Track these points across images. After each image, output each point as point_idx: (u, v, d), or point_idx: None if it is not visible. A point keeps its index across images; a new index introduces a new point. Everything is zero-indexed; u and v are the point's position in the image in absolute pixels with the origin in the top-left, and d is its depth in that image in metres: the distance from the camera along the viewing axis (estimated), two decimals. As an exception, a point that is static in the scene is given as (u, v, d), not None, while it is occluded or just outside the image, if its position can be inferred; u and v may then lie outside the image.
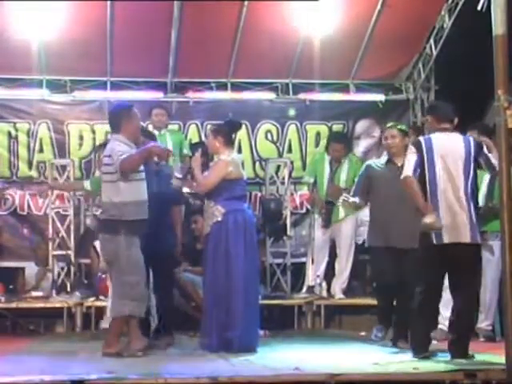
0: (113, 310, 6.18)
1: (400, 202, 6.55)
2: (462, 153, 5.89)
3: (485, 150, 6.06)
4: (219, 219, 6.48)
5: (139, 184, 6.19)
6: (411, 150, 5.99)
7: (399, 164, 6.77)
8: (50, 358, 5.88)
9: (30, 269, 9.27)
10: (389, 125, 7.35)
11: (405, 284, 6.71)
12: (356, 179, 7.36)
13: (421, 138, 6.09)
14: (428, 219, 5.74)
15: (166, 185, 7.02)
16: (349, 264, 8.84)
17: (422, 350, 5.86)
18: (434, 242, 5.82)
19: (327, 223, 8.93)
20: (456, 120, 6.05)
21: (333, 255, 8.95)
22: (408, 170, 5.94)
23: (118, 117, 6.30)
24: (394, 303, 6.98)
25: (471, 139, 6.07)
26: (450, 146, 5.92)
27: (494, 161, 5.91)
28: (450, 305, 6.12)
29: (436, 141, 5.94)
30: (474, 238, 5.84)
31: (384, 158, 7.11)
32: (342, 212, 8.74)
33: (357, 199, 7.00)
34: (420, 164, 5.90)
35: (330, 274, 9.00)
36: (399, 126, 7.10)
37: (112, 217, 6.06)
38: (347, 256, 8.83)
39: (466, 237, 5.81)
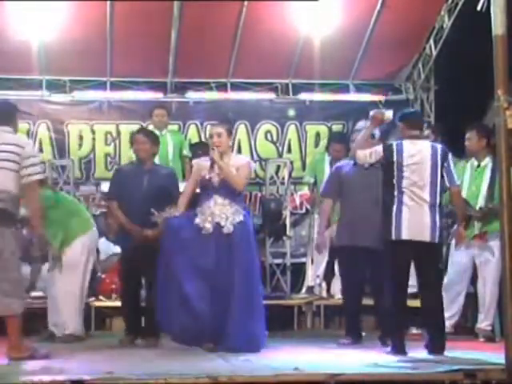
0: (5, 310, 5.76)
1: (368, 202, 6.64)
2: (429, 159, 6.12)
3: (450, 161, 6.28)
4: (242, 219, 6.45)
5: None
6: (379, 150, 6.22)
7: (366, 165, 6.90)
8: (49, 358, 5.87)
9: (26, 269, 9.24)
10: (359, 127, 7.47)
11: (381, 283, 6.78)
12: (324, 180, 7.47)
13: (393, 143, 6.26)
14: None
15: (160, 184, 6.96)
16: None
17: (400, 350, 6.02)
18: (393, 237, 6.02)
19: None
20: (425, 127, 6.26)
21: (333, 255, 8.94)
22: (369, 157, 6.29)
23: (10, 110, 6.18)
24: (373, 303, 7.06)
25: (439, 147, 6.25)
26: (418, 152, 6.13)
27: (455, 178, 6.33)
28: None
29: (406, 146, 6.16)
30: (433, 238, 6.07)
31: (352, 160, 7.14)
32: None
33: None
34: (388, 165, 6.15)
35: (329, 274, 8.99)
36: None
37: (9, 208, 5.78)
38: None
39: (426, 236, 6.03)
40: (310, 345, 7.01)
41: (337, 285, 8.78)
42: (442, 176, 6.18)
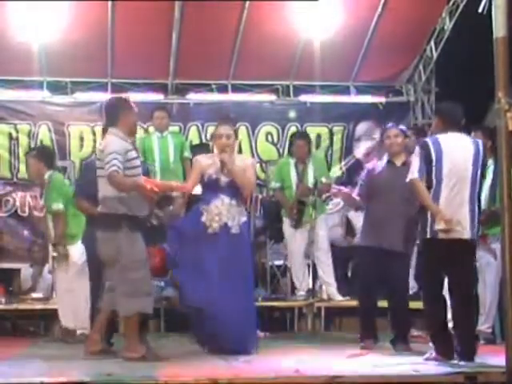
0: (122, 310, 5.92)
1: (397, 204, 6.56)
2: (471, 155, 5.85)
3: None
4: (246, 220, 6.47)
5: (138, 179, 6.00)
6: (417, 151, 5.93)
7: (398, 164, 6.85)
8: (49, 360, 5.87)
9: (26, 270, 9.26)
10: (391, 124, 7.37)
11: (397, 286, 6.73)
12: (358, 183, 7.28)
13: (428, 139, 6.01)
14: (439, 226, 5.73)
15: None
16: (330, 262, 8.67)
17: (449, 354, 5.75)
18: (429, 235, 5.81)
19: (297, 223, 8.81)
20: (463, 121, 6.02)
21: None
22: (414, 171, 5.89)
23: (115, 108, 6.08)
24: (386, 305, 6.96)
25: (480, 142, 6.00)
26: (459, 148, 5.87)
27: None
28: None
29: (445, 142, 5.87)
30: (473, 235, 5.83)
31: (384, 159, 7.08)
32: (312, 212, 8.59)
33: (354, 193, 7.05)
34: (427, 165, 5.84)
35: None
36: (401, 127, 7.15)
37: (116, 211, 5.85)
38: (326, 258, 8.68)
39: (466, 233, 5.79)
40: (311, 347, 7.01)
41: (330, 289, 8.72)
42: (482, 173, 5.94)
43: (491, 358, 5.68)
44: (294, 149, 9.02)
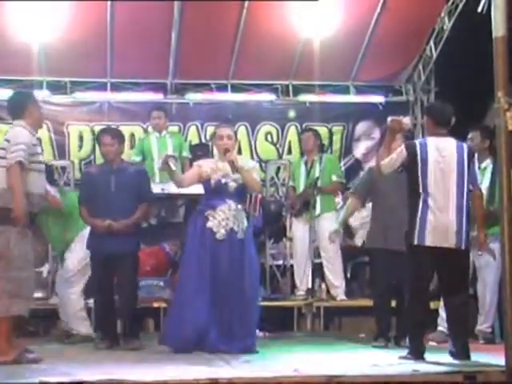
0: (4, 310, 5.63)
1: (400, 205, 6.56)
2: (455, 159, 5.88)
3: (475, 162, 6.14)
4: (247, 223, 6.47)
5: (36, 175, 5.80)
6: (402, 150, 5.96)
7: (399, 169, 6.84)
8: (49, 360, 5.86)
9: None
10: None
11: (404, 285, 6.75)
12: (358, 181, 7.34)
13: (416, 141, 6.09)
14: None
15: (129, 182, 6.79)
16: (337, 264, 8.66)
17: (417, 353, 5.82)
18: (416, 242, 5.83)
19: (297, 212, 8.81)
20: (453, 121, 6.04)
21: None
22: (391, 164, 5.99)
23: (20, 102, 5.97)
24: (394, 305, 7.00)
25: (465, 146, 6.04)
26: (444, 151, 5.89)
27: (478, 180, 6.15)
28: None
29: (431, 145, 5.92)
30: (459, 244, 5.82)
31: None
32: (317, 209, 8.59)
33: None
34: (412, 166, 5.89)
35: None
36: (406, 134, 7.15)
37: (6, 205, 5.60)
38: (332, 258, 8.64)
39: (451, 242, 5.80)
40: (310, 346, 7.01)
41: (334, 289, 8.71)
42: (469, 176, 5.91)
43: (491, 357, 5.69)
44: (302, 143, 9.04)
